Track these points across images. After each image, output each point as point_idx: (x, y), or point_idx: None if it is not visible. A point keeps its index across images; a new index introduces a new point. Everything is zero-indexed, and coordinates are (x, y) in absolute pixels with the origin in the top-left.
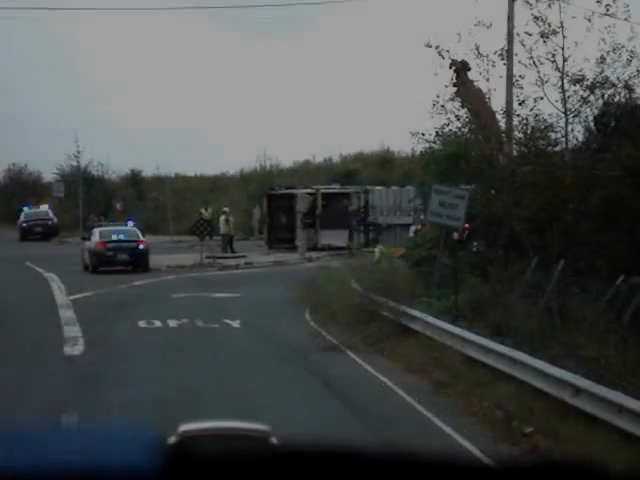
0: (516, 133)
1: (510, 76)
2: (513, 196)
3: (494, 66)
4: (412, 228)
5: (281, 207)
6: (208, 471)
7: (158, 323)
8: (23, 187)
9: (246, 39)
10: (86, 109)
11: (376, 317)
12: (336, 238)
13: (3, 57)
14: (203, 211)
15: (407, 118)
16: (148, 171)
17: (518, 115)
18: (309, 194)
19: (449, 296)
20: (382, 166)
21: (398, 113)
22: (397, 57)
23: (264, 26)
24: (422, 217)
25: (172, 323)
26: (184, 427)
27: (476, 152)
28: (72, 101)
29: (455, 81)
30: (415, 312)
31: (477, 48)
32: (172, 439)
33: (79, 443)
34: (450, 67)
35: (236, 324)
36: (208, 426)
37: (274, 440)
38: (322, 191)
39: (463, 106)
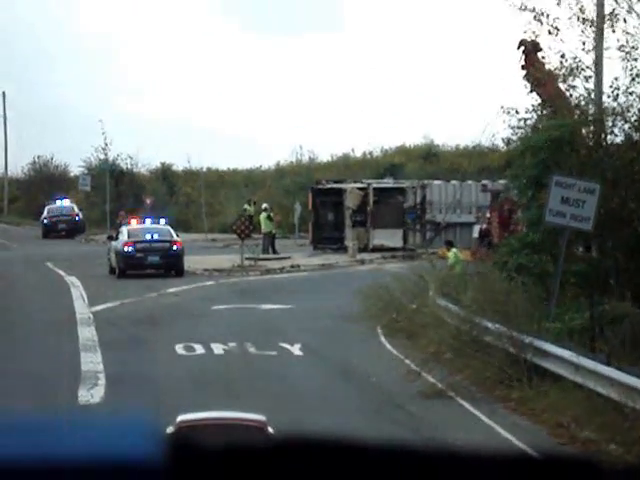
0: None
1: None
2: (633, 190)
3: (601, 34)
4: (476, 228)
5: (328, 203)
6: (206, 460)
7: (200, 348)
8: (49, 181)
9: (278, 32)
10: (116, 101)
11: (485, 348)
12: (389, 238)
13: (31, 47)
14: (247, 207)
15: (452, 109)
16: (179, 165)
17: (631, 93)
18: (359, 189)
19: (570, 318)
20: (426, 159)
21: (442, 104)
22: (441, 47)
23: (302, 18)
24: (488, 215)
25: (217, 348)
26: (182, 417)
27: (585, 138)
28: (101, 93)
29: (524, 63)
30: (552, 348)
31: (581, 10)
32: (170, 429)
33: (77, 433)
34: (518, 47)
35: (297, 350)
36: (206, 416)
37: (271, 430)
38: (374, 186)
39: (532, 90)
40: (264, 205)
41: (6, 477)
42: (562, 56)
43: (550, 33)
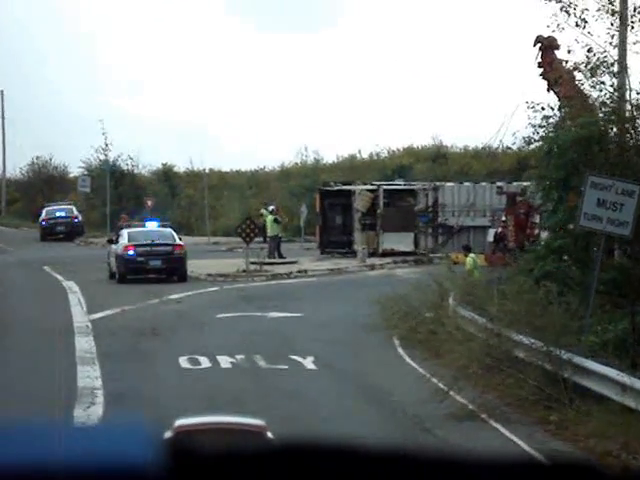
0: None
1: None
2: None
3: (626, 28)
4: (491, 231)
5: (336, 205)
6: (204, 465)
7: (205, 362)
8: (48, 182)
9: (283, 31)
10: (117, 102)
11: (519, 364)
12: (400, 242)
13: (28, 46)
14: (264, 211)
15: (461, 110)
16: (181, 166)
17: None
18: (369, 191)
19: (603, 330)
20: (435, 161)
21: (451, 105)
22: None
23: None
24: (503, 218)
25: (224, 362)
26: (180, 422)
27: (615, 137)
28: (102, 93)
29: (540, 60)
30: (594, 365)
31: (610, 2)
32: (168, 433)
33: (75, 439)
34: (535, 44)
35: (310, 364)
36: (204, 420)
37: (270, 435)
38: (384, 187)
39: (549, 89)
40: (271, 207)
41: None
42: (589, 50)
43: (577, 25)
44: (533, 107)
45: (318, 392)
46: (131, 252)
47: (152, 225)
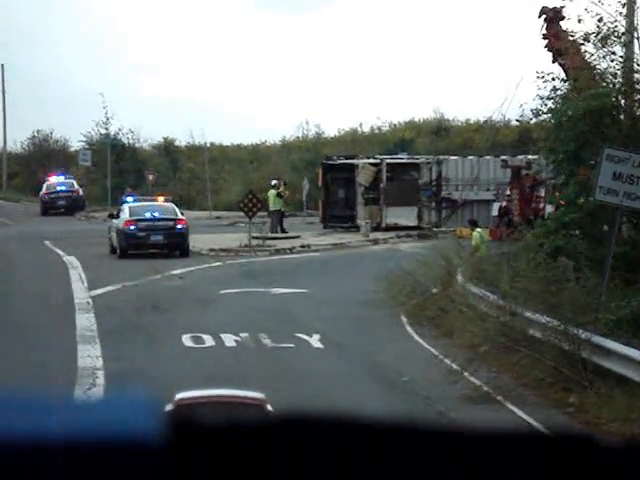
0: None
1: None
2: None
3: None
4: (495, 205)
5: (339, 180)
6: (205, 437)
7: (209, 340)
8: (48, 156)
9: (282, 9)
10: (118, 76)
11: (535, 344)
12: (403, 216)
13: (30, 19)
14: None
15: (462, 83)
16: (182, 140)
17: None
18: (372, 165)
19: (617, 307)
20: (437, 134)
21: (452, 78)
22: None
23: None
24: (508, 192)
25: (228, 340)
26: (180, 395)
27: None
28: (103, 67)
29: (545, 32)
30: (614, 345)
31: None
32: (169, 406)
33: (74, 411)
34: (539, 15)
35: (316, 342)
36: (204, 394)
37: (270, 407)
38: (387, 161)
39: (554, 61)
40: (273, 181)
41: (1, 456)
42: (600, 20)
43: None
44: (543, 77)
45: (326, 372)
46: (132, 227)
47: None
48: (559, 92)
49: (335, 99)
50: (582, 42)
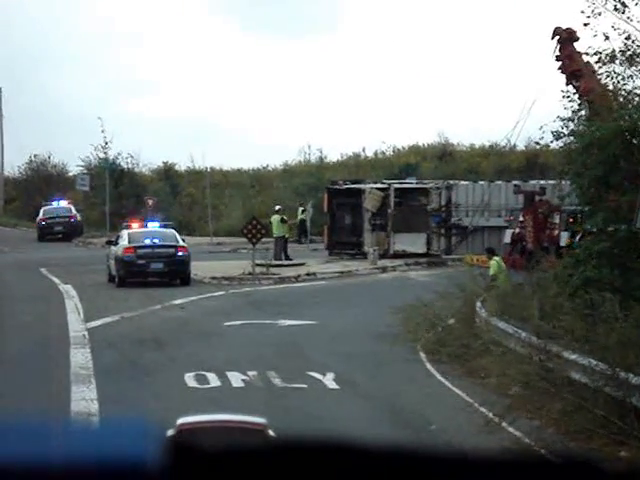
0: None
1: None
2: None
3: None
4: (508, 232)
5: (345, 205)
6: (206, 462)
7: (214, 379)
8: (46, 181)
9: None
10: (117, 100)
11: (579, 389)
12: (412, 243)
13: (28, 44)
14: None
15: (465, 108)
16: (182, 165)
17: None
18: (379, 189)
19: None
20: (442, 159)
21: (454, 103)
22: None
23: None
24: (521, 218)
25: (235, 379)
26: (182, 419)
27: None
28: (101, 91)
29: (559, 54)
30: None
31: None
32: (170, 431)
33: (76, 435)
34: (553, 37)
35: (331, 382)
36: (206, 419)
37: (271, 433)
38: (395, 186)
39: (568, 83)
40: (277, 207)
41: (4, 479)
42: (627, 38)
43: (616, 10)
44: (569, 97)
45: (343, 417)
46: (131, 254)
47: (153, 226)
48: (582, 113)
49: (337, 123)
50: (606, 61)
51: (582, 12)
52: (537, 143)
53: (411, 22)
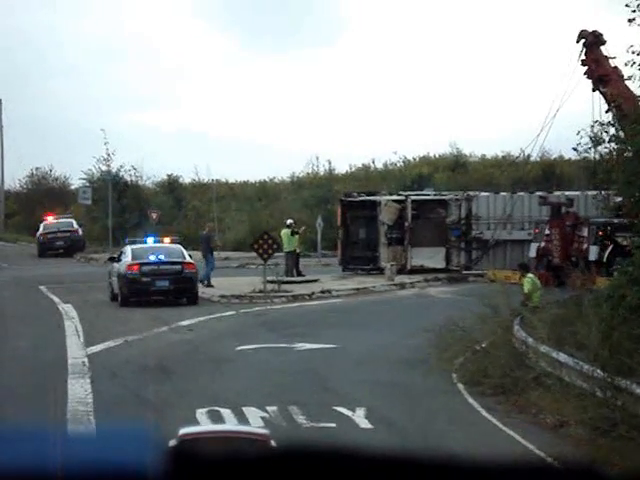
0: None
1: None
2: None
3: None
4: (533, 246)
5: (359, 218)
6: (207, 471)
7: (230, 416)
8: (48, 194)
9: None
10: (119, 112)
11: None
12: (430, 258)
13: (30, 56)
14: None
15: (477, 118)
16: (186, 177)
17: None
18: (396, 202)
19: None
20: (455, 170)
21: (465, 113)
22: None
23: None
24: (547, 231)
25: (253, 416)
26: (184, 430)
27: None
28: (103, 104)
29: (585, 58)
30: None
31: None
32: (172, 442)
33: (80, 444)
34: (578, 40)
35: (362, 420)
36: (208, 429)
37: (273, 443)
38: (413, 198)
39: (595, 89)
40: (289, 220)
41: None
42: None
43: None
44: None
45: None
46: (135, 271)
47: (150, 241)
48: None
49: (345, 135)
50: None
51: (627, 6)
52: (575, 149)
53: (422, 31)
